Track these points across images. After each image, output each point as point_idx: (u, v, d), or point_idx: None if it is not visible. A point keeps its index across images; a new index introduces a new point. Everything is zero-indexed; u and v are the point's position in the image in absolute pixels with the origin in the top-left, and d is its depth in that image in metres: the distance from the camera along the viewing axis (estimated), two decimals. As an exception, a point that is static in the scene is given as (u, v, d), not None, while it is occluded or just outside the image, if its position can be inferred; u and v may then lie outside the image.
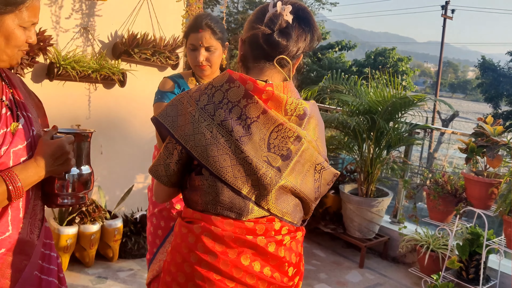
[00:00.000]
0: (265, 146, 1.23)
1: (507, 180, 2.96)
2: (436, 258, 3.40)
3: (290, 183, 1.26)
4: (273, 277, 1.28)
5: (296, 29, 1.26)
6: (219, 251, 1.23)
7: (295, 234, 1.34)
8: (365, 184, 3.84)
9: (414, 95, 3.50)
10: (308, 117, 1.28)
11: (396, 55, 19.51)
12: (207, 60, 2.00)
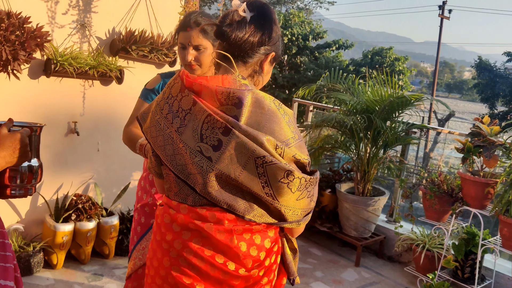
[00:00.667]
0: (198, 136, 1.28)
1: (503, 180, 2.97)
2: (431, 258, 3.42)
3: (224, 173, 1.26)
4: (226, 265, 1.32)
5: (251, 24, 1.32)
6: (176, 231, 1.35)
7: (261, 229, 1.35)
8: (361, 183, 3.84)
9: (411, 94, 3.50)
10: (245, 106, 1.26)
11: (393, 55, 19.51)
12: (196, 60, 1.93)
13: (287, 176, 1.25)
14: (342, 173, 4.24)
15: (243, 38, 1.31)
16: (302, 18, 21.21)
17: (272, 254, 1.41)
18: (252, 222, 1.33)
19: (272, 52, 1.38)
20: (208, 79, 1.30)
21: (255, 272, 1.36)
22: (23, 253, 2.99)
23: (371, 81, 3.75)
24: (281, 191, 1.27)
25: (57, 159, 3.28)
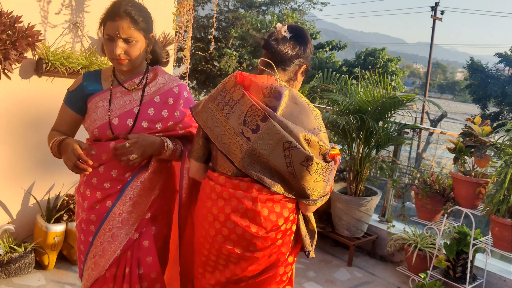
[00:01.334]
0: (242, 121, 1.64)
1: (494, 180, 2.99)
2: (423, 257, 3.43)
3: (257, 151, 1.61)
4: (249, 227, 1.65)
5: (291, 41, 1.72)
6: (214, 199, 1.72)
7: (281, 199, 1.67)
8: (354, 183, 3.85)
9: (403, 95, 3.52)
10: (283, 98, 1.63)
11: (386, 56, 19.60)
12: (126, 53, 1.74)
13: (307, 161, 1.57)
14: (336, 173, 4.25)
15: (284, 50, 1.71)
16: (296, 19, 21.26)
17: (288, 222, 1.70)
18: (275, 193, 1.65)
19: (305, 65, 1.78)
20: (256, 77, 1.69)
21: (272, 234, 1.67)
22: (15, 253, 2.96)
23: (363, 82, 3.76)
24: (301, 172, 1.59)
25: (49, 159, 3.25)
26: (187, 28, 3.05)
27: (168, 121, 1.84)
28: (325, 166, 1.62)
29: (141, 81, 1.87)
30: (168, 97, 1.86)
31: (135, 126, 1.80)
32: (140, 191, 1.81)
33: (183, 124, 1.89)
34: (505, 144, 2.96)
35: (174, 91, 1.89)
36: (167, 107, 1.85)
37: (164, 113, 1.84)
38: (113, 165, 1.80)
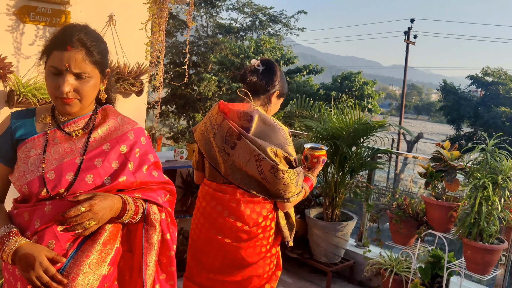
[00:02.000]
0: (223, 140, 2.05)
1: (465, 203, 3.05)
2: (400, 282, 3.45)
3: (236, 163, 2.02)
4: (236, 223, 2.05)
5: (262, 72, 2.13)
6: (207, 200, 2.14)
7: (260, 200, 2.06)
8: (330, 208, 3.88)
9: (374, 121, 3.59)
10: (253, 121, 2.03)
11: (362, 79, 19.98)
12: (76, 91, 1.41)
13: (273, 168, 1.96)
14: (312, 198, 4.27)
15: (256, 81, 2.12)
16: (273, 44, 21.60)
17: (267, 220, 2.09)
18: (255, 196, 2.05)
19: (277, 90, 2.18)
20: (233, 105, 2.10)
21: (254, 229, 2.06)
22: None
23: (335, 110, 3.83)
24: (270, 178, 1.98)
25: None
26: (159, 58, 3.08)
27: (119, 175, 1.46)
28: (290, 171, 1.98)
29: (87, 125, 1.51)
30: (120, 144, 1.50)
31: (77, 181, 1.41)
32: (86, 268, 1.39)
33: (141, 180, 1.51)
34: (473, 168, 3.03)
35: (129, 137, 1.53)
36: (119, 157, 1.48)
37: (115, 165, 1.47)
38: (50, 235, 1.37)
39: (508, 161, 2.97)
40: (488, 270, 3.02)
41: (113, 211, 1.40)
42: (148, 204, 1.51)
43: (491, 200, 2.87)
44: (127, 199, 1.45)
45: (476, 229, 2.93)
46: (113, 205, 1.40)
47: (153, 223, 1.51)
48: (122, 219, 1.44)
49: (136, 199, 1.49)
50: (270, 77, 2.15)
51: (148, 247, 1.50)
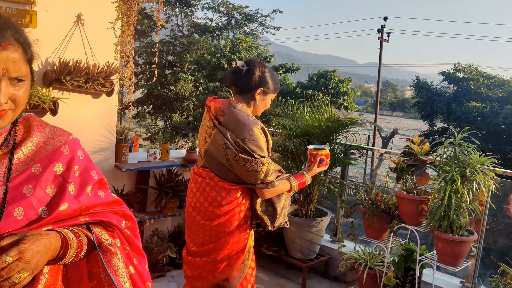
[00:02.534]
0: (206, 130, 2.35)
1: (435, 197, 3.11)
2: (374, 276, 3.49)
3: (210, 151, 2.31)
4: (203, 203, 2.35)
5: (245, 72, 2.33)
6: (191, 181, 2.47)
7: (225, 185, 2.30)
8: (304, 205, 3.90)
9: (346, 118, 3.63)
10: (226, 115, 2.27)
11: (337, 77, 20.14)
12: (12, 100, 1.09)
13: (235, 156, 2.21)
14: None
15: (239, 80, 2.34)
16: (249, 43, 21.60)
17: (232, 203, 2.31)
18: (224, 181, 2.30)
19: (260, 88, 2.36)
20: (215, 101, 2.35)
21: (222, 209, 2.30)
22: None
23: (308, 108, 3.85)
24: (234, 165, 2.23)
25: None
26: (128, 58, 3.05)
27: (59, 203, 1.14)
28: (253, 160, 2.21)
29: (6, 142, 1.15)
30: (54, 163, 1.17)
31: (3, 218, 1.07)
32: None
33: (86, 204, 1.20)
34: (442, 162, 3.09)
35: (63, 152, 1.20)
36: (55, 180, 1.16)
37: (51, 191, 1.15)
38: None
39: (476, 154, 3.04)
40: (459, 262, 3.09)
41: (50, 253, 1.06)
42: (94, 231, 1.19)
43: (460, 192, 2.93)
44: (66, 234, 1.12)
45: (446, 222, 2.99)
46: (50, 246, 1.06)
47: (110, 249, 1.19)
48: (63, 261, 1.11)
49: (78, 230, 1.17)
50: (251, 76, 2.33)
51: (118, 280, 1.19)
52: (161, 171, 3.95)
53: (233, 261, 2.39)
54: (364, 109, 50.09)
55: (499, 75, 18.73)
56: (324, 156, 2.55)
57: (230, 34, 27.04)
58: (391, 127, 28.65)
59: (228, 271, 2.39)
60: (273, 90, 2.42)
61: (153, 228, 3.99)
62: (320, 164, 2.54)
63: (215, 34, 27.89)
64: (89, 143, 3.54)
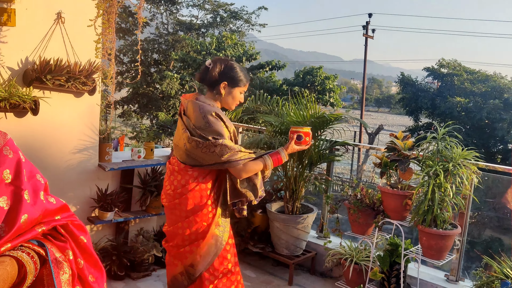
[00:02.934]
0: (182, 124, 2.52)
1: (419, 191, 3.13)
2: (360, 271, 3.51)
3: (176, 138, 2.55)
4: (168, 186, 2.56)
5: (210, 69, 2.49)
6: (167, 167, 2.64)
7: (186, 168, 2.48)
8: (290, 201, 3.90)
9: (330, 114, 3.63)
10: (188, 107, 2.48)
11: (323, 74, 20.20)
12: None
13: (189, 139, 2.41)
14: (273, 192, 4.29)
15: (207, 77, 2.51)
16: (235, 40, 21.54)
17: (194, 183, 2.47)
18: (187, 166, 2.48)
19: (223, 82, 2.50)
20: (185, 96, 2.56)
21: (178, 191, 2.49)
22: None
23: (293, 105, 3.85)
24: (190, 147, 2.41)
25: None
26: (110, 55, 3.01)
27: (18, 215, 0.99)
28: (203, 142, 2.36)
29: None
30: (1, 169, 1.02)
31: None
32: None
33: (42, 213, 1.07)
34: (426, 157, 3.12)
35: (7, 155, 1.05)
36: (7, 189, 1.02)
37: (4, 203, 1.00)
38: None
39: (458, 149, 3.06)
40: (443, 255, 3.11)
41: (7, 284, 0.94)
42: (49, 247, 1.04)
43: (443, 187, 2.96)
44: (22, 258, 0.98)
45: (430, 216, 3.01)
46: (6, 276, 0.93)
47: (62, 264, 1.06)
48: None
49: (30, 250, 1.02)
50: (213, 72, 2.48)
51: None
52: (146, 170, 3.92)
53: (194, 247, 2.50)
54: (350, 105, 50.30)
55: (482, 70, 18.96)
56: (302, 133, 2.61)
57: (215, 31, 26.92)
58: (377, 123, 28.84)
59: (191, 257, 2.50)
60: (240, 84, 2.54)
61: (138, 227, 3.96)
62: (298, 141, 2.61)
63: (201, 32, 27.75)
64: (72, 142, 3.50)
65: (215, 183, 2.54)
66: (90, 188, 3.66)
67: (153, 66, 26.01)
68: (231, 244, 2.61)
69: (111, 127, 3.55)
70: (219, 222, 2.54)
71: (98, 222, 3.58)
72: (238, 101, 2.60)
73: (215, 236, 2.52)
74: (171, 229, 2.56)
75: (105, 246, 3.64)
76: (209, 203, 2.51)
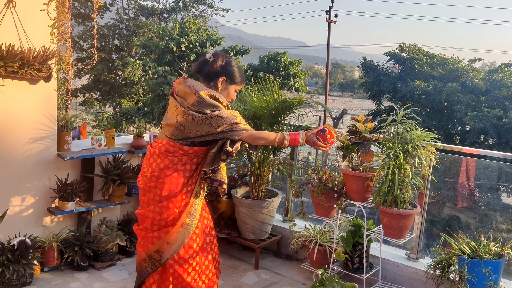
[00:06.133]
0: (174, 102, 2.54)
1: (380, 173, 3.20)
2: (324, 252, 3.58)
3: (165, 118, 2.58)
4: (150, 169, 2.55)
5: (211, 63, 2.55)
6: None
7: (169, 154, 2.51)
8: (255, 186, 3.92)
9: (293, 99, 3.64)
10: (178, 88, 2.53)
11: (288, 59, 20.25)
12: None
13: (185, 114, 2.43)
14: (238, 178, 4.29)
15: (206, 69, 2.56)
16: (198, 25, 21.23)
17: (175, 167, 2.51)
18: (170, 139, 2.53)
19: (221, 77, 2.57)
20: (176, 81, 2.58)
21: (163, 173, 2.50)
22: None
23: (256, 91, 3.84)
24: (184, 121, 2.44)
25: None
26: (66, 41, 2.90)
27: None
28: (199, 116, 2.40)
29: None
30: None
31: None
32: None
33: None
34: (386, 139, 3.18)
35: None
36: None
37: None
38: None
39: (417, 130, 3.14)
40: (404, 234, 3.20)
41: None
42: None
43: (403, 168, 3.03)
44: None
45: (391, 197, 3.09)
46: None
47: None
48: None
49: None
50: (214, 66, 2.54)
51: None
52: (107, 159, 3.84)
53: (163, 233, 2.51)
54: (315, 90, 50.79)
55: (441, 54, 19.45)
56: (328, 130, 2.60)
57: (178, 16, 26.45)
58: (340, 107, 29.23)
59: (158, 243, 2.51)
60: (236, 82, 2.62)
61: (101, 217, 3.89)
62: (321, 134, 2.58)
63: (163, 17, 27.22)
64: (28, 131, 3.38)
65: (194, 172, 2.57)
66: (49, 178, 3.55)
67: (115, 53, 25.37)
68: (197, 234, 2.60)
69: (71, 115, 3.44)
70: (190, 211, 2.55)
71: (59, 213, 3.49)
72: (231, 99, 2.66)
73: (185, 224, 2.53)
74: (142, 212, 2.58)
75: (67, 237, 3.56)
76: (184, 191, 2.53)
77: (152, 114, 20.30)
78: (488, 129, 15.06)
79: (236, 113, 2.51)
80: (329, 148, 2.65)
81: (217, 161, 2.53)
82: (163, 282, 2.56)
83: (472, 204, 8.87)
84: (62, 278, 3.43)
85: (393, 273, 3.52)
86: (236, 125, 2.47)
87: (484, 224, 8.26)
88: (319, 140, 2.58)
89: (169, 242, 2.50)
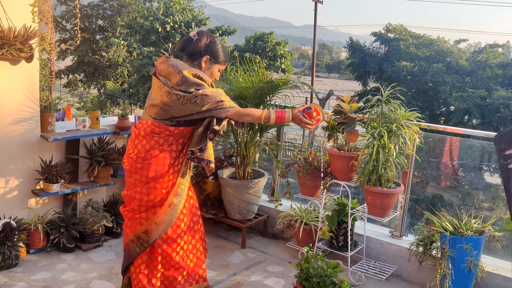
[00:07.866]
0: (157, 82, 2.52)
1: (364, 152, 3.23)
2: (309, 231, 3.63)
3: (149, 99, 2.56)
4: (135, 150, 2.54)
5: (195, 41, 2.53)
6: None
7: (154, 135, 2.50)
8: (241, 167, 3.93)
9: (279, 79, 3.63)
10: (162, 68, 2.50)
11: (274, 40, 20.13)
12: None
13: (169, 93, 2.42)
14: (224, 159, 4.30)
15: (190, 48, 2.53)
16: (184, 5, 20.92)
17: (161, 148, 2.50)
18: (155, 125, 2.51)
19: (205, 57, 2.55)
20: (159, 60, 2.57)
21: (149, 154, 2.50)
22: None
23: (241, 71, 3.82)
24: (169, 101, 2.43)
25: None
26: (47, 20, 2.85)
27: None
28: (184, 95, 2.40)
29: None
30: None
31: None
32: None
33: None
34: (371, 119, 3.21)
35: None
36: None
37: None
38: None
39: (401, 110, 3.17)
40: (387, 213, 3.26)
41: None
42: None
43: (387, 147, 3.07)
44: None
45: (375, 176, 3.13)
46: None
47: None
48: None
49: None
50: (198, 44, 2.51)
51: None
52: (92, 140, 3.81)
53: (150, 214, 2.52)
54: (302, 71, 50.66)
55: (426, 35, 19.49)
56: (314, 108, 2.58)
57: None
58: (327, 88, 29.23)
59: (146, 224, 2.52)
60: (220, 61, 2.60)
61: (87, 198, 3.88)
62: (307, 111, 2.57)
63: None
64: (10, 112, 3.33)
65: (180, 153, 2.57)
66: (33, 160, 3.52)
67: (98, 33, 24.93)
68: (185, 214, 2.62)
69: (55, 97, 3.40)
70: (177, 191, 2.56)
71: (44, 195, 3.47)
72: (214, 78, 2.63)
73: (172, 204, 2.54)
74: (129, 193, 2.57)
75: (53, 218, 3.55)
76: (171, 171, 2.54)
77: (138, 95, 20.10)
78: (472, 110, 15.24)
79: (221, 91, 2.50)
80: (316, 126, 2.66)
81: (204, 140, 2.52)
82: (151, 262, 2.58)
83: (455, 183, 9.01)
84: (49, 260, 3.43)
85: (377, 251, 3.59)
86: (222, 102, 2.46)
87: (467, 202, 8.41)
88: (305, 118, 2.57)
89: (157, 222, 2.51)
